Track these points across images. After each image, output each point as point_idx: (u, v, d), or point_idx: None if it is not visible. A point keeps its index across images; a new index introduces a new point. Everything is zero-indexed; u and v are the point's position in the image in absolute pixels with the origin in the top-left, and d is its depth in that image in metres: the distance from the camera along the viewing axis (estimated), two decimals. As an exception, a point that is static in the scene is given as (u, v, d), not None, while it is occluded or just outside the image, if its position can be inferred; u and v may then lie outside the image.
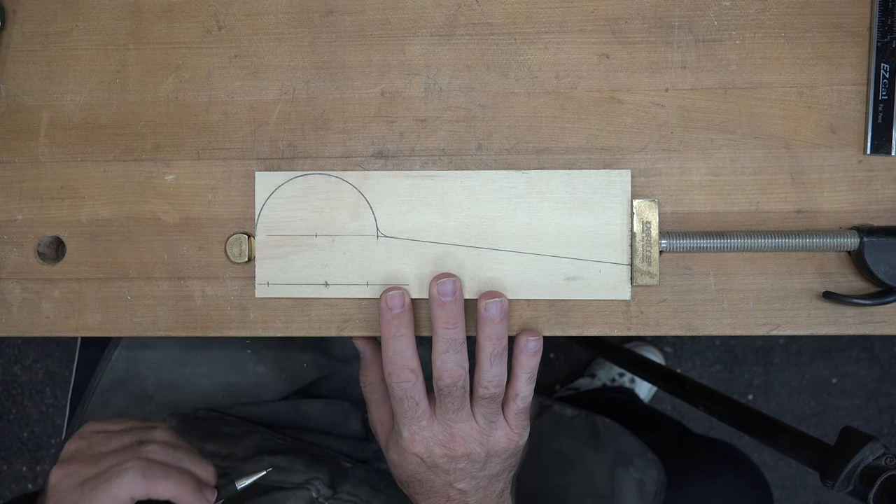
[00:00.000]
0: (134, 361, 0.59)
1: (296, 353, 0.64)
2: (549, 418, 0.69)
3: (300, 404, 0.61)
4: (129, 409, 0.58)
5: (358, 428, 0.62)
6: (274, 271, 0.46)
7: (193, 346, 0.61)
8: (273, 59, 0.47)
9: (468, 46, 0.46)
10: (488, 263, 0.45)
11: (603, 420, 0.68)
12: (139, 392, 0.59)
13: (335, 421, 0.61)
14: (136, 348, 0.59)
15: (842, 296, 0.43)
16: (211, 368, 0.61)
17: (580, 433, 0.67)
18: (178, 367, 0.60)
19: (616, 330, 0.45)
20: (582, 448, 0.66)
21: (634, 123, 0.45)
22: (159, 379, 0.59)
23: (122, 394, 0.59)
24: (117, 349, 0.59)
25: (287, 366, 0.63)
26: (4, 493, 1.33)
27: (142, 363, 0.59)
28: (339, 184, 0.46)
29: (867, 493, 0.45)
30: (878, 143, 0.44)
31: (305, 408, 0.61)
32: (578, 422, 0.68)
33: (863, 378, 1.25)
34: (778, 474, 1.25)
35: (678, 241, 0.43)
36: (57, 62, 0.48)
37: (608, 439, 0.67)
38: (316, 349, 0.65)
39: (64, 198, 0.48)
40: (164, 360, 0.60)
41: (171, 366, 0.60)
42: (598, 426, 0.68)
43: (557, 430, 0.68)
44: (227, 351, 0.61)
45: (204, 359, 0.61)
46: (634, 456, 0.65)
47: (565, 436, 0.67)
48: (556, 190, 0.45)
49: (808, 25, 0.44)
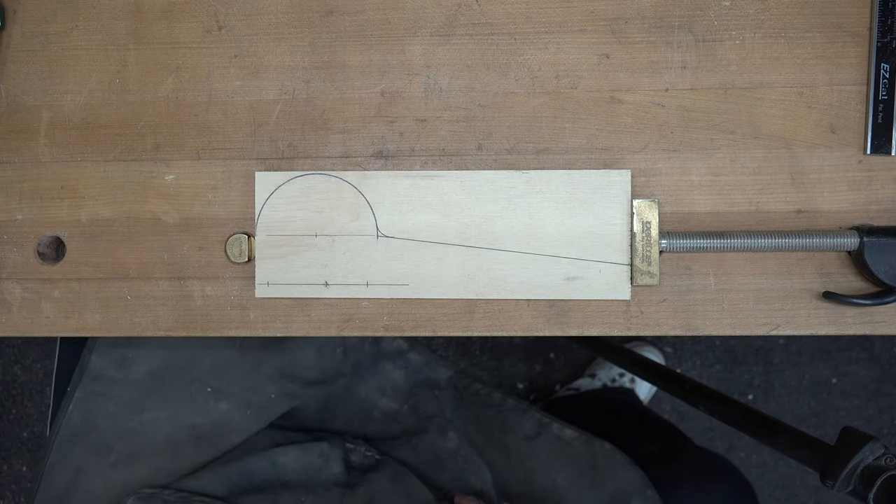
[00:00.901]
0: (89, 412, 0.56)
1: (262, 384, 0.61)
2: (546, 440, 0.66)
3: (275, 456, 0.57)
4: (87, 462, 0.55)
5: (339, 470, 0.59)
6: (274, 271, 0.46)
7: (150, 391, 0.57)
8: (273, 59, 0.47)
9: (468, 46, 0.46)
10: (488, 263, 0.45)
11: (602, 446, 0.66)
12: (98, 444, 0.56)
13: (314, 467, 0.58)
14: (91, 398, 0.57)
15: (842, 296, 0.43)
16: (170, 412, 0.58)
17: (578, 463, 0.65)
18: (136, 413, 0.57)
19: (616, 330, 0.45)
20: (579, 482, 0.64)
21: (634, 123, 0.45)
22: (117, 428, 0.57)
23: (80, 447, 0.56)
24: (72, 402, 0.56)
25: (252, 399, 0.60)
26: (4, 493, 1.33)
27: (98, 413, 0.56)
28: (339, 184, 0.46)
29: (867, 493, 0.45)
30: (878, 143, 0.44)
31: (281, 459, 0.57)
32: (577, 446, 0.66)
33: (863, 378, 1.25)
34: (778, 474, 1.25)
35: (678, 241, 0.43)
36: (57, 62, 0.48)
37: (607, 473, 0.64)
38: (284, 377, 0.62)
39: (64, 198, 0.48)
40: (119, 408, 0.57)
41: (127, 413, 0.57)
42: (596, 455, 0.65)
43: (555, 459, 0.65)
44: (187, 391, 0.58)
45: (161, 403, 0.58)
46: (633, 496, 0.63)
47: (562, 466, 0.65)
48: (556, 190, 0.45)
49: (808, 25, 0.44)
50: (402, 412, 0.67)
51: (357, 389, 0.66)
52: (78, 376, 0.57)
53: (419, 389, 0.68)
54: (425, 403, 0.67)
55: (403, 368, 0.69)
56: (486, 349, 1.27)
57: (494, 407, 0.69)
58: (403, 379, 0.68)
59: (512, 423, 0.68)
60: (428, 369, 0.70)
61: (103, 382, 0.57)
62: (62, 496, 0.55)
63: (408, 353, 0.69)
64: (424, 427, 0.65)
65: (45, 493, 0.55)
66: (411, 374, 0.68)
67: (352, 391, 0.66)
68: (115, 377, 0.57)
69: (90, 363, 0.58)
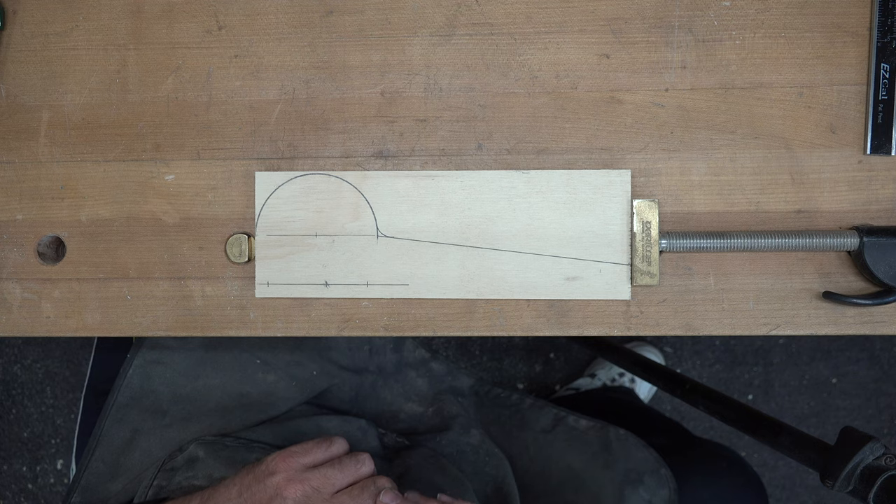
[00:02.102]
0: (148, 377, 0.60)
1: (304, 361, 0.64)
2: (562, 431, 0.69)
3: (321, 421, 0.61)
4: (144, 424, 0.59)
5: (376, 445, 0.62)
6: (274, 271, 0.46)
7: (204, 360, 0.61)
8: (273, 59, 0.47)
9: (468, 46, 0.46)
10: (488, 263, 0.45)
11: (617, 431, 0.67)
12: (154, 407, 0.60)
13: (354, 438, 0.61)
14: (150, 365, 0.60)
15: (842, 296, 0.43)
16: (222, 380, 0.61)
17: (592, 448, 0.67)
18: (190, 380, 0.61)
19: (616, 330, 0.45)
20: (592, 465, 0.66)
21: (634, 123, 0.45)
22: (173, 393, 0.60)
23: (137, 410, 0.60)
24: (131, 367, 0.60)
25: (297, 373, 0.63)
26: (4, 493, 1.33)
27: (156, 378, 0.60)
28: (339, 184, 0.46)
29: (867, 493, 0.45)
30: (878, 143, 0.44)
31: (326, 425, 0.61)
32: (591, 434, 0.68)
33: (863, 378, 1.25)
34: (778, 474, 1.25)
35: (678, 241, 0.43)
36: (57, 62, 0.48)
37: (619, 454, 0.66)
38: (323, 358, 0.65)
39: (64, 198, 0.48)
40: (176, 375, 0.60)
41: (183, 380, 0.60)
42: (610, 439, 0.67)
43: (570, 446, 0.67)
44: (237, 361, 0.62)
45: (214, 371, 0.61)
46: (646, 474, 0.64)
47: (577, 451, 0.67)
48: (556, 190, 0.45)
49: (808, 25, 0.44)
50: (428, 414, 0.69)
51: (383, 393, 0.69)
52: (137, 345, 0.60)
53: (443, 395, 0.69)
54: (449, 405, 0.69)
55: (426, 377, 0.71)
56: (486, 349, 1.27)
57: (513, 406, 0.71)
58: (427, 387, 0.70)
59: (530, 419, 0.70)
60: (450, 378, 0.72)
61: (161, 350, 0.60)
62: (119, 453, 0.58)
63: (430, 363, 0.71)
64: (448, 425, 0.67)
65: (103, 451, 0.58)
66: (435, 382, 0.70)
67: (378, 393, 0.68)
68: (172, 346, 0.60)
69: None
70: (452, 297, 0.45)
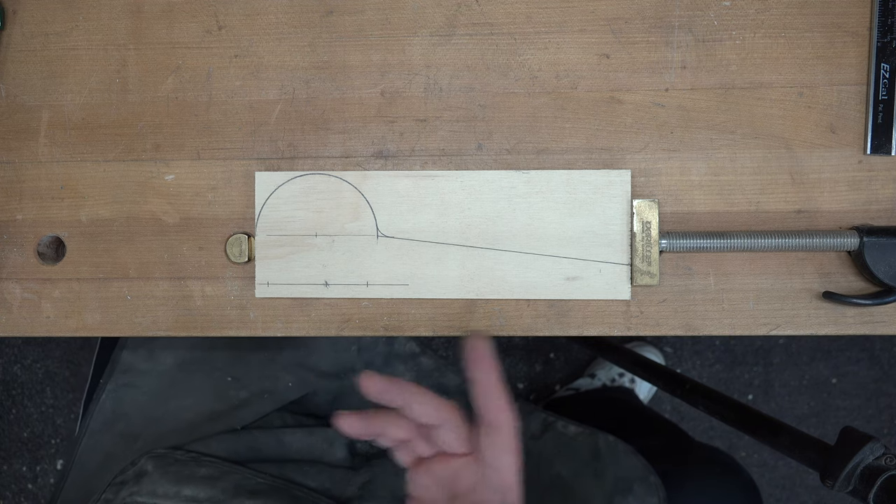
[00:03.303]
0: (120, 401, 0.60)
1: (279, 374, 0.63)
2: (551, 438, 0.68)
3: (282, 435, 0.60)
4: (116, 448, 0.59)
5: (343, 455, 0.61)
6: (274, 271, 0.46)
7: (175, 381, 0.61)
8: (273, 59, 0.47)
9: (468, 46, 0.46)
10: (488, 263, 0.45)
11: (606, 438, 0.67)
12: (127, 432, 0.60)
13: (318, 449, 0.60)
14: (122, 389, 0.60)
15: (842, 296, 0.43)
16: (194, 400, 0.61)
17: (581, 455, 0.66)
18: (162, 402, 0.60)
19: (616, 330, 0.45)
20: (581, 473, 0.65)
21: (634, 123, 0.45)
22: (145, 417, 0.60)
23: (110, 435, 0.60)
24: (104, 392, 0.60)
25: (269, 387, 0.62)
26: (4, 493, 1.33)
27: (128, 402, 0.60)
28: (339, 184, 0.46)
29: (867, 493, 0.45)
30: (878, 143, 0.44)
31: (287, 438, 0.60)
32: (581, 441, 0.67)
33: (863, 378, 1.25)
34: (778, 474, 1.25)
35: (678, 241, 0.43)
36: (57, 62, 0.48)
37: (609, 461, 0.65)
38: (301, 367, 0.64)
39: (64, 198, 0.48)
40: (148, 398, 0.60)
41: (155, 403, 0.60)
42: (599, 446, 0.66)
43: (558, 453, 0.66)
44: (209, 380, 0.61)
45: (186, 392, 0.61)
46: (635, 482, 0.63)
47: (566, 458, 0.66)
48: (556, 190, 0.45)
49: (808, 25, 0.44)
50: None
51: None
52: (110, 370, 0.60)
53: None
54: None
55: (414, 371, 0.70)
56: (486, 349, 1.27)
57: None
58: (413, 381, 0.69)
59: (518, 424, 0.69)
60: (438, 374, 0.71)
61: (133, 374, 0.60)
62: (92, 477, 0.59)
63: (419, 357, 0.70)
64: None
65: (76, 476, 0.58)
66: (422, 377, 0.69)
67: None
68: (143, 369, 0.60)
69: (121, 358, 0.62)
70: (452, 297, 0.45)
